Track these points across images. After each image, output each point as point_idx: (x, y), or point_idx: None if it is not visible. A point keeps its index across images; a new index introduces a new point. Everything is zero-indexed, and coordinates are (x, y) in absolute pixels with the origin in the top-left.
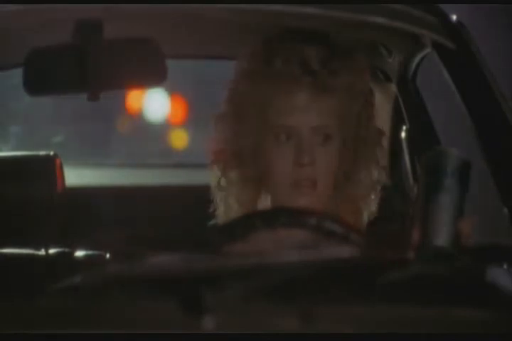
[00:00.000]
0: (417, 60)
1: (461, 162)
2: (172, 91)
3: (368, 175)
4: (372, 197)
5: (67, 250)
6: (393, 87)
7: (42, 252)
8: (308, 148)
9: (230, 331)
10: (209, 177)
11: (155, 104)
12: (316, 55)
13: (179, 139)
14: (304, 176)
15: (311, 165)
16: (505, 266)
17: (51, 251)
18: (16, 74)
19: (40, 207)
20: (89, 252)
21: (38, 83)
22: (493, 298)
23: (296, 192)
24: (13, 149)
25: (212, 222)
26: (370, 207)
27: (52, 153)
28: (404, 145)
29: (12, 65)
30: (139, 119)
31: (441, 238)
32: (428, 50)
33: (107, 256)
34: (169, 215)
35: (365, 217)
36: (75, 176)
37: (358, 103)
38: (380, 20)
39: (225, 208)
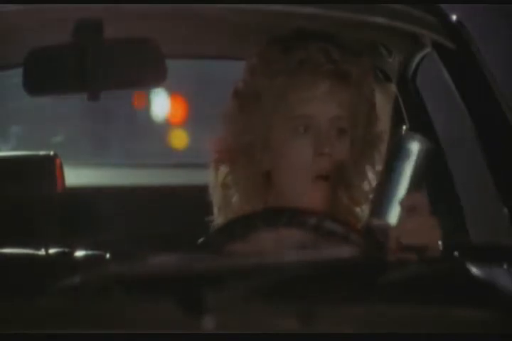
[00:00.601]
0: (417, 60)
1: (419, 147)
2: (172, 91)
3: (367, 180)
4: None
5: (67, 250)
6: (393, 87)
7: (42, 252)
8: (327, 139)
9: (230, 331)
10: (209, 177)
11: (155, 104)
12: (334, 47)
13: (179, 139)
14: (322, 166)
15: (330, 156)
16: (505, 266)
17: (51, 251)
18: (16, 74)
19: (40, 207)
20: (89, 252)
21: (38, 83)
22: (493, 298)
23: (313, 184)
24: (13, 149)
25: (211, 222)
26: (364, 211)
27: (52, 153)
28: None
29: (12, 65)
30: (139, 119)
31: (382, 214)
32: (428, 50)
33: (107, 256)
34: (169, 215)
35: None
36: (75, 176)
37: (365, 103)
38: (380, 20)
39: (228, 207)
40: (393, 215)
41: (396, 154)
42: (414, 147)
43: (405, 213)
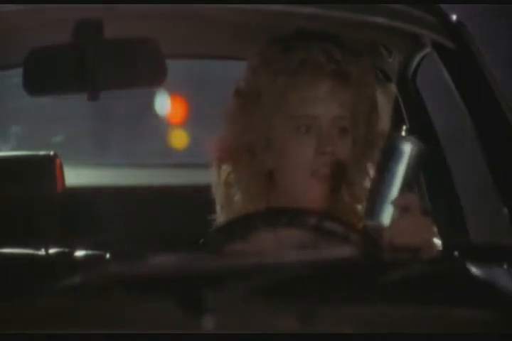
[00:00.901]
0: (417, 60)
1: (411, 148)
2: (172, 92)
3: (368, 178)
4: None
5: (67, 250)
6: (393, 87)
7: (42, 252)
8: (329, 138)
9: (230, 331)
10: (209, 176)
11: (155, 103)
12: (335, 47)
13: (179, 139)
14: (323, 163)
15: (332, 154)
16: (505, 266)
17: (51, 251)
18: (16, 74)
19: (40, 207)
20: (89, 252)
21: (38, 83)
22: (493, 298)
23: (314, 182)
24: (13, 149)
25: (213, 221)
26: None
27: (52, 153)
28: None
29: (12, 65)
30: (139, 119)
31: (375, 215)
32: (428, 50)
33: (107, 256)
34: (169, 215)
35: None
36: (75, 176)
37: (366, 103)
38: (380, 20)
39: (230, 206)
40: (387, 216)
41: (389, 155)
42: (407, 148)
43: (398, 213)
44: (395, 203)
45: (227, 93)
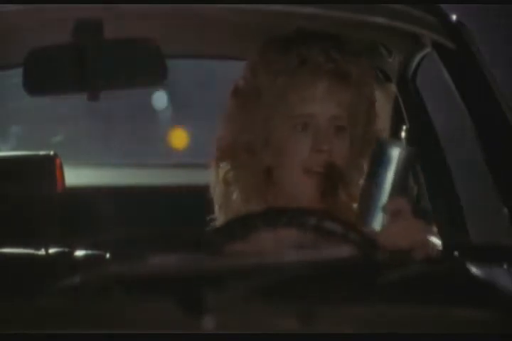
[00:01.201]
0: (417, 60)
1: (399, 152)
2: (172, 92)
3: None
4: None
5: (67, 250)
6: (393, 87)
7: (42, 252)
8: (326, 136)
9: (230, 331)
10: (209, 177)
11: (155, 103)
12: (334, 47)
13: (179, 139)
14: (318, 162)
15: (328, 153)
16: (505, 266)
17: (51, 251)
18: (16, 74)
19: (40, 207)
20: (89, 252)
21: (38, 83)
22: (493, 298)
23: (309, 179)
24: (13, 149)
25: (212, 221)
26: None
27: (52, 153)
28: None
29: (12, 65)
30: (139, 119)
31: (367, 220)
32: (428, 50)
33: (107, 256)
34: (169, 215)
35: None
36: (75, 176)
37: (364, 103)
38: (380, 20)
39: (228, 205)
40: (378, 221)
41: (377, 160)
42: (395, 152)
43: (390, 218)
44: (386, 208)
45: (227, 93)
